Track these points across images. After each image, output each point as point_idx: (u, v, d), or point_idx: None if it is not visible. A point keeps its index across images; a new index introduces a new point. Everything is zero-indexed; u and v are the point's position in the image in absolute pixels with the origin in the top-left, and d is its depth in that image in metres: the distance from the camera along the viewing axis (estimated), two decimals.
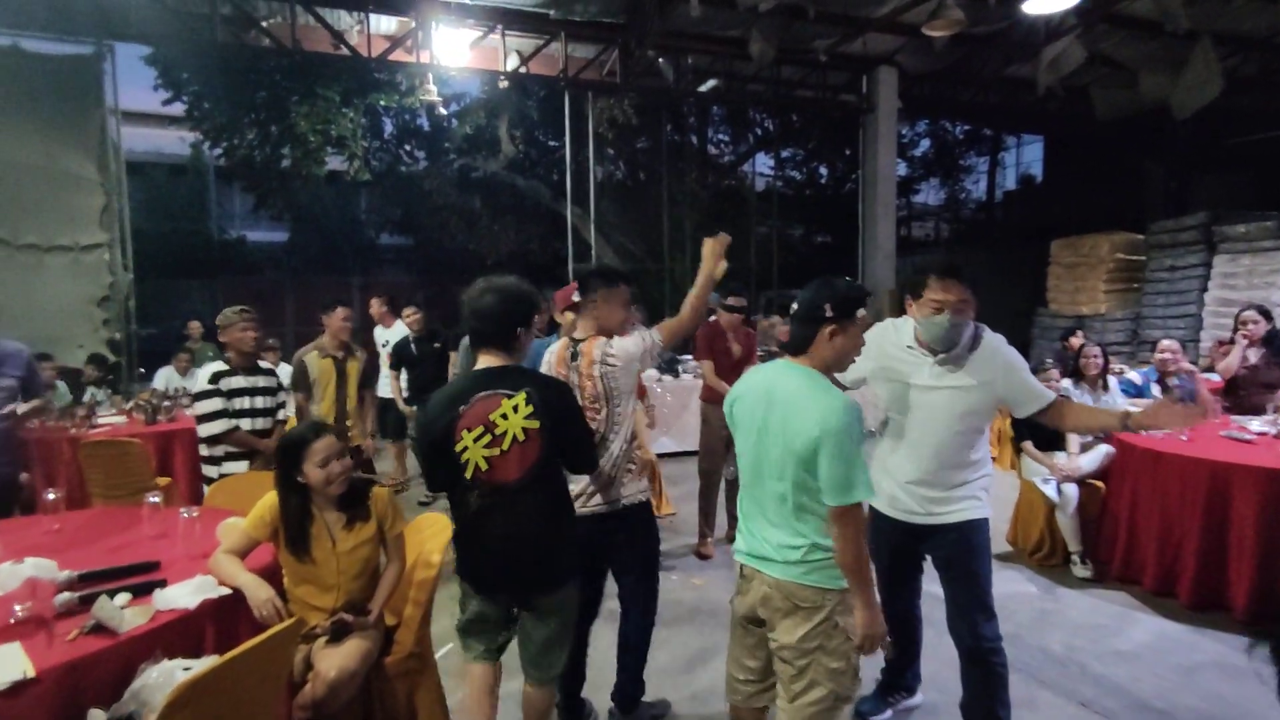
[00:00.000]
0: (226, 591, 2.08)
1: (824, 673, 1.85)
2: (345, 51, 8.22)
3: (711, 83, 10.33)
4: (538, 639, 2.20)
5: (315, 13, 7.87)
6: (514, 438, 2.05)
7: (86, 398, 5.81)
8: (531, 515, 2.10)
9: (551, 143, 15.66)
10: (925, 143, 20.79)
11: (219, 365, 3.54)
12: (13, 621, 1.87)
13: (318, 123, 9.96)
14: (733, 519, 4.72)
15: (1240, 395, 4.69)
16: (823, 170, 19.60)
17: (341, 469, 2.29)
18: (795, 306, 1.96)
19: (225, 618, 2.06)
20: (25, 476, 4.51)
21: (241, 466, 3.50)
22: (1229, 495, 3.45)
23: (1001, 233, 15.93)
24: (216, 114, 10.31)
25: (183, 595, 2.00)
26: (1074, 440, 4.26)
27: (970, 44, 9.56)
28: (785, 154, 18.23)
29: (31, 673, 1.62)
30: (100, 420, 5.06)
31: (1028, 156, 21.70)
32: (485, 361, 2.14)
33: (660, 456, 5.93)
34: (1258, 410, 4.53)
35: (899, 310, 2.56)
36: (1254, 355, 4.79)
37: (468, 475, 2.06)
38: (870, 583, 1.87)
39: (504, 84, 9.48)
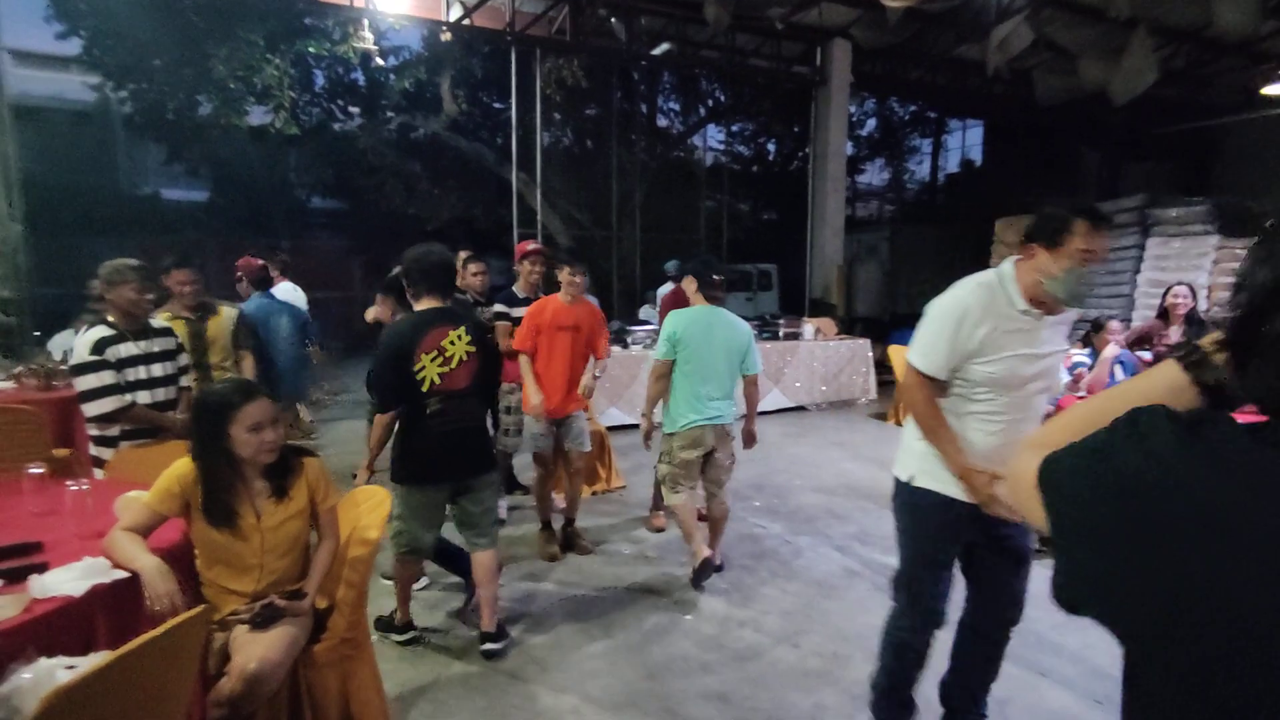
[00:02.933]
0: (122, 575, 1.78)
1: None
2: None
3: (665, 46, 10.03)
4: (479, 512, 2.93)
5: None
6: (460, 358, 2.80)
7: None
8: (474, 413, 2.92)
9: (496, 104, 15.07)
10: (871, 122, 21.02)
11: (102, 330, 2.94)
12: None
13: (238, 68, 9.20)
14: None
15: None
16: (770, 146, 19.57)
17: (275, 437, 2.00)
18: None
19: (120, 607, 1.77)
20: None
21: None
22: None
23: (946, 213, 16.24)
24: (119, 52, 9.38)
25: (67, 581, 1.70)
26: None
27: (923, 21, 9.53)
28: (734, 129, 18.09)
29: None
30: None
31: (968, 140, 22.26)
32: (428, 304, 2.81)
33: (610, 430, 5.73)
34: None
35: (845, 286, 2.37)
36: (1176, 333, 4.95)
37: (424, 388, 2.73)
38: None
39: (446, 36, 8.96)
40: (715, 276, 3.73)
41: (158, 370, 3.11)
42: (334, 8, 8.36)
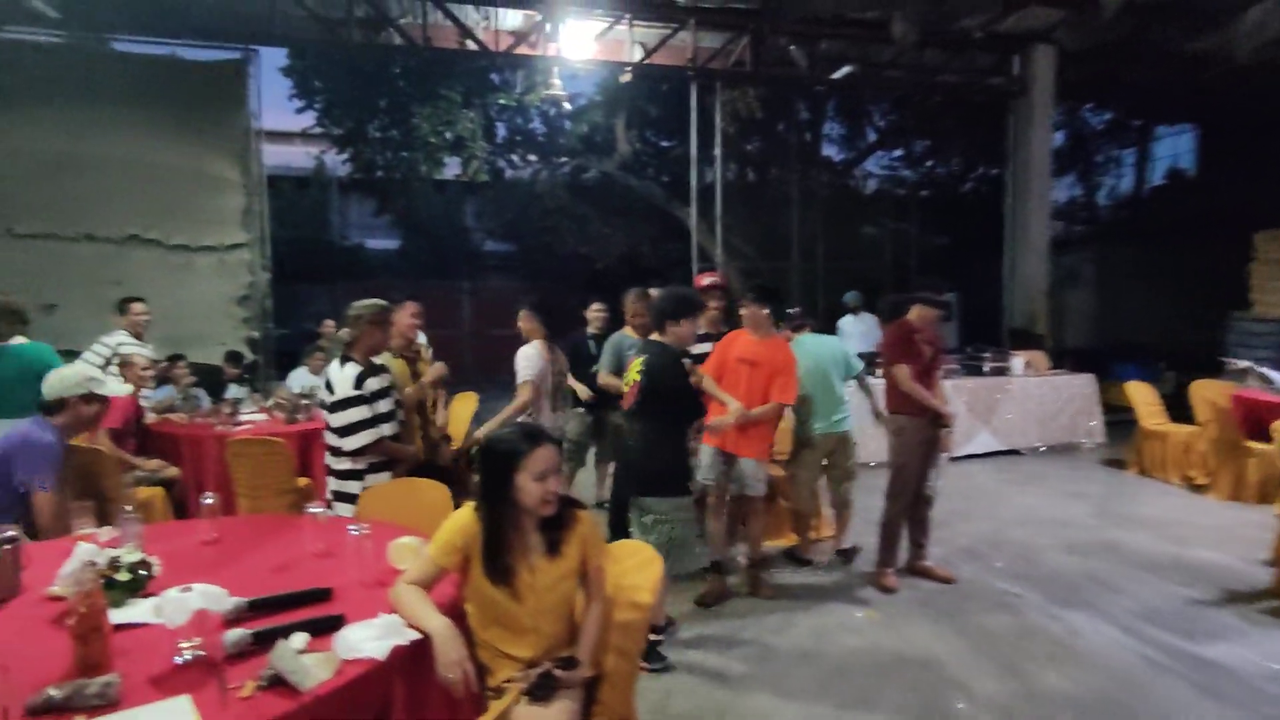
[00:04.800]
0: (415, 636, 1.69)
1: None
2: (473, 47, 8.09)
3: (846, 69, 9.63)
4: (637, 529, 3.17)
5: (445, 8, 7.77)
6: (631, 381, 3.23)
7: (228, 394, 5.79)
8: (637, 434, 3.24)
9: (664, 142, 15.31)
10: (1059, 135, 19.15)
11: (357, 366, 3.02)
12: (179, 663, 1.54)
13: (438, 123, 9.96)
14: (916, 545, 4.10)
15: None
16: (940, 169, 18.36)
17: (558, 486, 1.87)
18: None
19: (413, 672, 1.67)
20: (176, 471, 4.47)
21: (384, 479, 3.14)
22: None
23: (1154, 230, 14.31)
24: (345, 120, 10.52)
25: (369, 640, 1.62)
26: None
27: (1144, 14, 8.46)
28: (897, 153, 17.19)
29: None
30: (243, 418, 4.97)
31: (1175, 148, 19.68)
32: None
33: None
34: None
35: (1052, 317, 1.84)
36: None
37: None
38: None
39: (628, 77, 9.15)
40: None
41: (393, 405, 3.17)
42: (525, 58, 8.77)
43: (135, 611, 1.77)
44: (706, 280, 4.46)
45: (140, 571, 1.87)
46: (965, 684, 2.93)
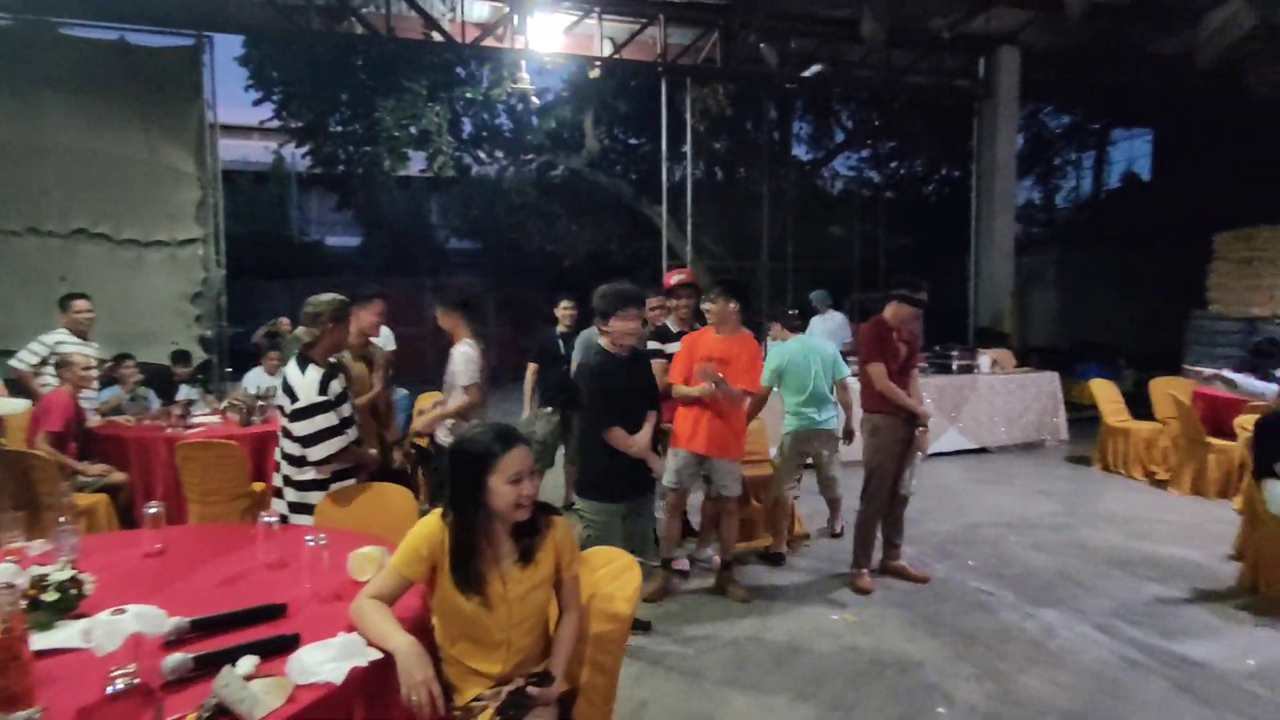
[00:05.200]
0: (376, 655, 1.56)
1: None
2: (439, 38, 7.89)
3: (815, 68, 9.63)
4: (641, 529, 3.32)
5: None
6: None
7: (180, 396, 5.53)
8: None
9: (633, 140, 15.20)
10: (1019, 138, 19.48)
11: (319, 368, 2.79)
12: (110, 693, 1.39)
13: (403, 117, 9.71)
14: (891, 545, 4.06)
15: None
16: (904, 170, 18.56)
17: (532, 490, 1.75)
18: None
19: (375, 695, 1.54)
20: (123, 476, 4.23)
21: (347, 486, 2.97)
22: None
23: (1112, 232, 14.64)
24: (304, 112, 10.20)
25: (325, 661, 1.49)
26: None
27: (1110, 16, 8.60)
28: (865, 154, 17.33)
29: None
30: (195, 420, 4.74)
31: (1131, 152, 20.19)
32: None
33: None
34: None
35: (1017, 316, 1.80)
36: None
37: None
38: None
39: (596, 72, 9.03)
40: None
41: (351, 409, 2.98)
42: (494, 51, 8.59)
43: (63, 635, 1.61)
44: (675, 278, 4.36)
45: (70, 590, 1.71)
46: (944, 688, 2.88)
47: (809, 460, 4.42)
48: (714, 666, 3.08)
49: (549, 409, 4.87)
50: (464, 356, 3.53)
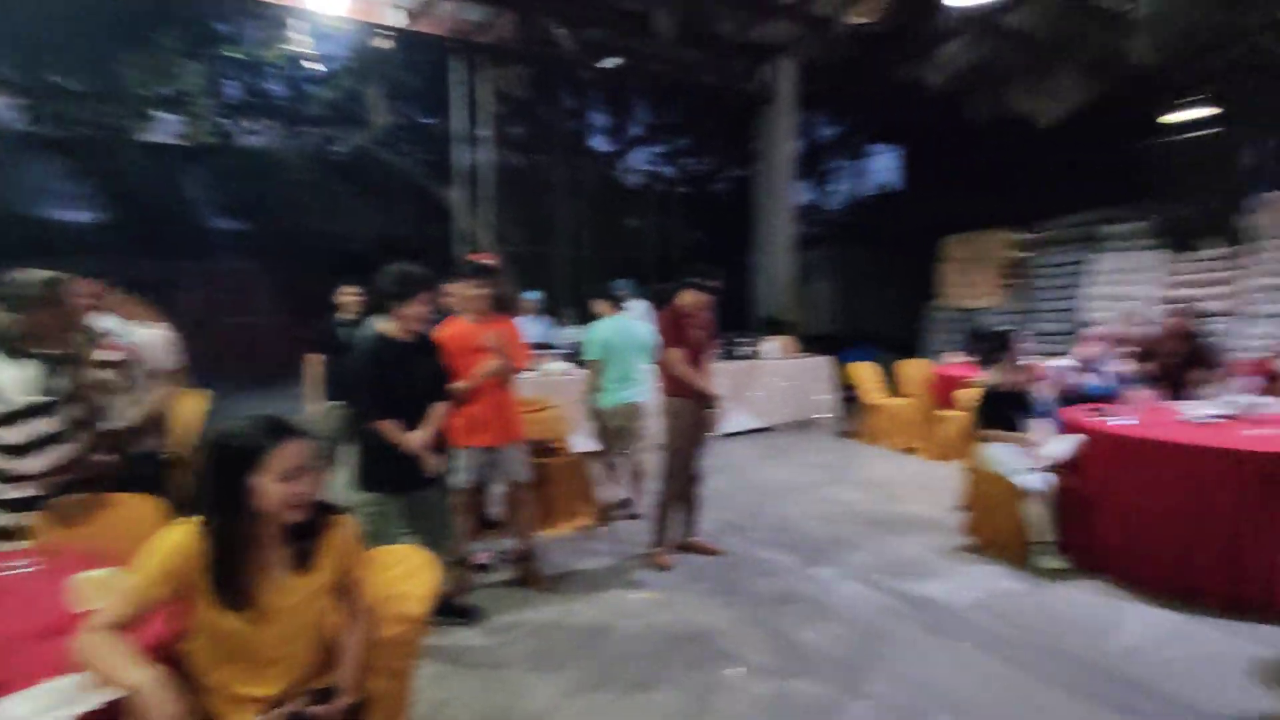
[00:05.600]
0: (110, 696, 1.30)
1: None
2: None
3: (612, 60, 9.80)
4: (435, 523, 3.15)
5: None
6: None
7: None
8: None
9: (423, 119, 14.45)
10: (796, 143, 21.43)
11: (33, 365, 2.34)
12: None
13: (152, 75, 8.38)
14: (687, 523, 4.26)
15: (1170, 381, 4.90)
16: (699, 166, 19.64)
17: (309, 488, 1.56)
18: None
19: None
20: None
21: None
22: (1208, 479, 3.43)
23: (872, 234, 16.67)
24: (29, 65, 8.41)
25: (35, 714, 1.22)
26: (1042, 428, 4.18)
27: (866, 40, 9.70)
28: (661, 150, 18.07)
29: None
30: None
31: (888, 163, 23.12)
32: None
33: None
34: (1182, 394, 4.76)
35: (799, 307, 2.05)
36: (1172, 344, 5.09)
37: None
38: None
39: (382, 43, 8.44)
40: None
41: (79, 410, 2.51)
42: (264, 7, 7.68)
43: None
44: (475, 262, 4.20)
45: None
46: (738, 653, 3.07)
47: (622, 438, 4.67)
48: (517, 658, 3.02)
49: (337, 402, 4.49)
50: (158, 340, 3.29)
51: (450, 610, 3.25)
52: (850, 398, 8.04)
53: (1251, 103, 10.82)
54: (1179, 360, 5.18)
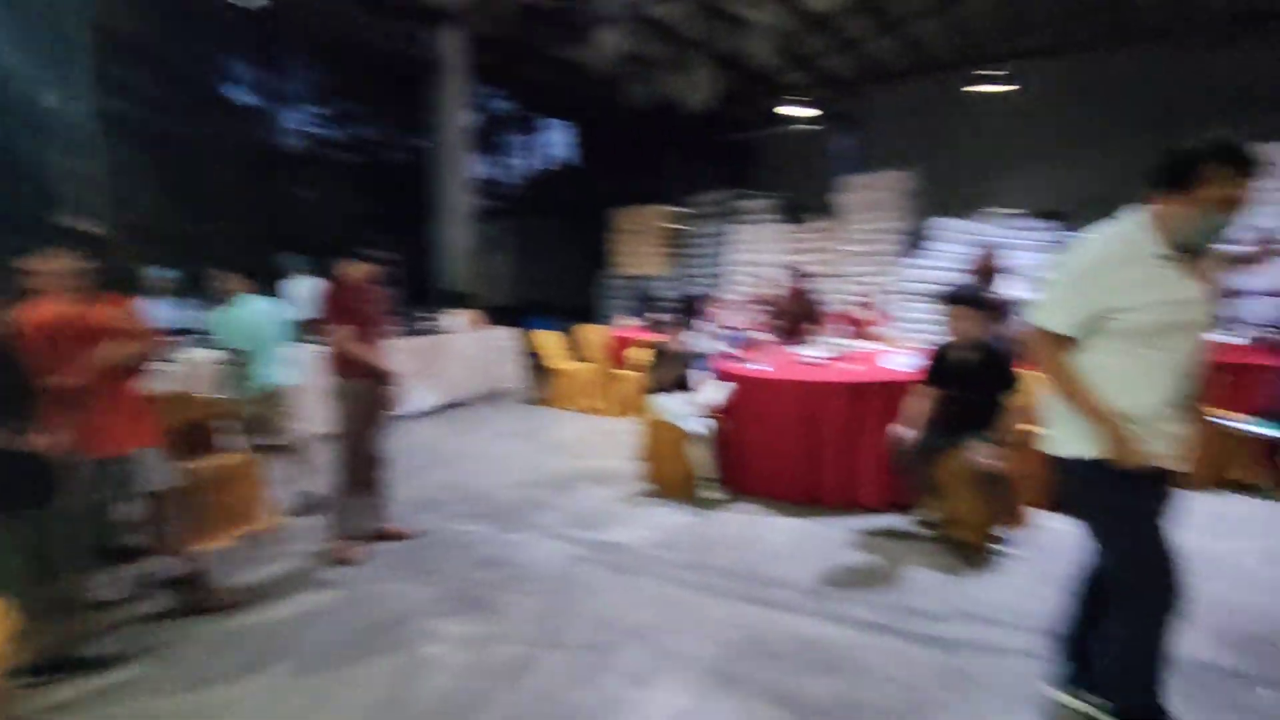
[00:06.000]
0: None
1: None
2: None
3: (258, 1, 8.56)
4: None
5: None
6: None
7: None
8: None
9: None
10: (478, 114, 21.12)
11: None
12: None
13: None
14: (373, 509, 4.02)
15: (790, 332, 5.94)
16: (371, 134, 18.31)
17: None
18: None
19: None
20: None
21: None
22: (816, 407, 4.26)
23: (549, 206, 17.24)
24: None
25: None
26: (702, 378, 4.76)
27: (534, 17, 9.88)
28: (325, 112, 16.49)
29: None
30: None
31: (561, 139, 24.01)
32: None
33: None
34: (799, 342, 5.80)
35: (482, 279, 2.19)
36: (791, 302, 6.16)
37: None
38: None
39: None
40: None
41: None
42: None
43: None
44: (80, 229, 3.41)
45: None
46: (437, 629, 3.01)
47: (267, 427, 4.34)
48: (193, 690, 2.59)
49: None
50: None
51: (66, 665, 2.67)
52: (536, 366, 8.31)
53: (833, 107, 13.47)
54: (796, 315, 6.28)
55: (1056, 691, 2.34)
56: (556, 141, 23.28)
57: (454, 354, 7.92)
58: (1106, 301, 1.88)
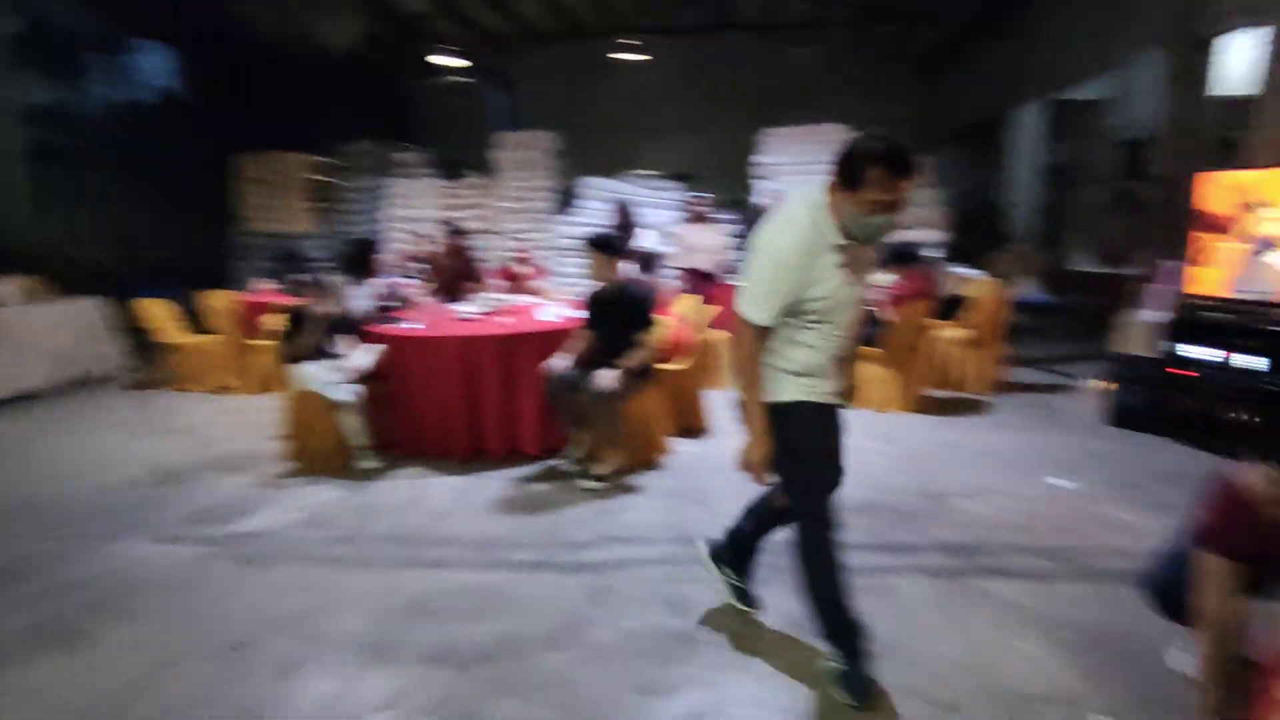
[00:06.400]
0: None
1: None
2: None
3: None
4: None
5: None
6: None
7: None
8: None
9: None
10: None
11: None
12: None
13: None
14: None
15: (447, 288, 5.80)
16: None
17: None
18: None
19: None
20: None
21: None
22: (473, 362, 4.23)
23: (153, 148, 14.10)
24: None
25: None
26: (347, 341, 4.38)
27: None
28: None
29: None
30: None
31: (160, 68, 19.72)
32: None
33: None
34: (456, 298, 5.72)
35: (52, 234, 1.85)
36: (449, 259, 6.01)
37: None
38: None
39: None
40: None
41: None
42: None
43: None
44: None
45: None
46: (25, 676, 2.35)
47: None
48: None
49: None
50: None
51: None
52: (145, 342, 6.90)
53: (486, 61, 13.33)
54: (453, 271, 6.15)
55: (708, 560, 2.73)
56: (157, 69, 19.22)
57: (21, 334, 6.19)
58: (801, 292, 2.04)
